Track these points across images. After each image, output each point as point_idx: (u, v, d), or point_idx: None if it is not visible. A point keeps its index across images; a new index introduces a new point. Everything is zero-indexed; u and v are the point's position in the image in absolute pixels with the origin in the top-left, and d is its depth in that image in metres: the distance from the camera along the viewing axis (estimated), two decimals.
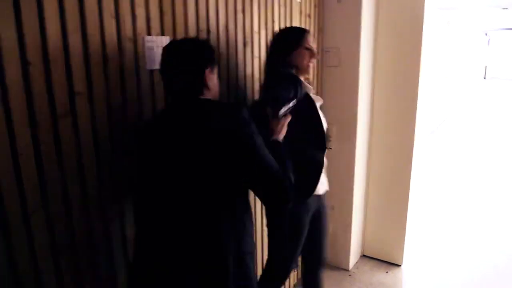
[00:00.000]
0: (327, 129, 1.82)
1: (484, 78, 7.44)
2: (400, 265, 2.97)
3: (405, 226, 2.88)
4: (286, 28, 1.82)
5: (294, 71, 1.70)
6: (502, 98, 7.12)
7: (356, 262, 3.03)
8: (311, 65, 1.74)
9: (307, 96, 1.68)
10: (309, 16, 2.45)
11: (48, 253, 1.18)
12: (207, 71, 1.29)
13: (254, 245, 1.40)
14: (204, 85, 1.29)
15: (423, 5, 2.54)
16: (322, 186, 1.85)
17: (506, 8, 6.85)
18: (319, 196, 1.86)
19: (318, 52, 2.55)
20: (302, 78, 1.72)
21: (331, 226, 2.84)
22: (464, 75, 7.43)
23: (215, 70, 1.35)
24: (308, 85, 1.76)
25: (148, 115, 1.45)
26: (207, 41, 1.43)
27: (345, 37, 2.54)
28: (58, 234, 1.20)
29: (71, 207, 1.23)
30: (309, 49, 1.71)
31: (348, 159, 2.69)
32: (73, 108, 1.20)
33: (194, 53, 1.29)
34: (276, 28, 2.11)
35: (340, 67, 2.59)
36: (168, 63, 1.29)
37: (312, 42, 1.73)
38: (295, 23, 2.30)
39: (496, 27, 7.27)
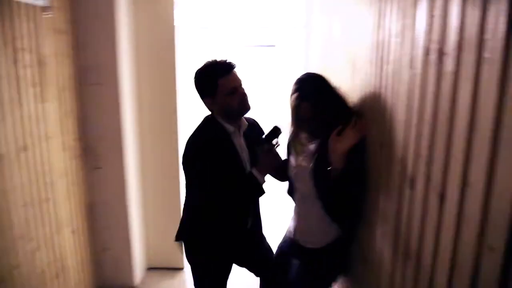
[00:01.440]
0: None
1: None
2: (183, 268, 3.16)
3: None
4: None
5: None
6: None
7: (143, 277, 3.06)
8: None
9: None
10: (64, 32, 2.33)
11: None
12: (206, 100, 1.68)
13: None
14: (209, 109, 1.71)
15: (173, 25, 2.78)
16: None
17: (266, 27, 7.89)
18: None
19: (77, 70, 2.47)
20: None
21: (112, 245, 2.80)
22: None
23: (222, 89, 1.61)
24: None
25: None
26: (206, 70, 1.66)
27: (104, 54, 2.51)
28: None
29: None
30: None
31: (119, 177, 2.69)
32: None
33: (198, 86, 1.68)
34: (22, 46, 1.92)
35: (102, 85, 2.54)
36: None
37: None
38: (47, 41, 2.15)
39: (257, 44, 8.36)
